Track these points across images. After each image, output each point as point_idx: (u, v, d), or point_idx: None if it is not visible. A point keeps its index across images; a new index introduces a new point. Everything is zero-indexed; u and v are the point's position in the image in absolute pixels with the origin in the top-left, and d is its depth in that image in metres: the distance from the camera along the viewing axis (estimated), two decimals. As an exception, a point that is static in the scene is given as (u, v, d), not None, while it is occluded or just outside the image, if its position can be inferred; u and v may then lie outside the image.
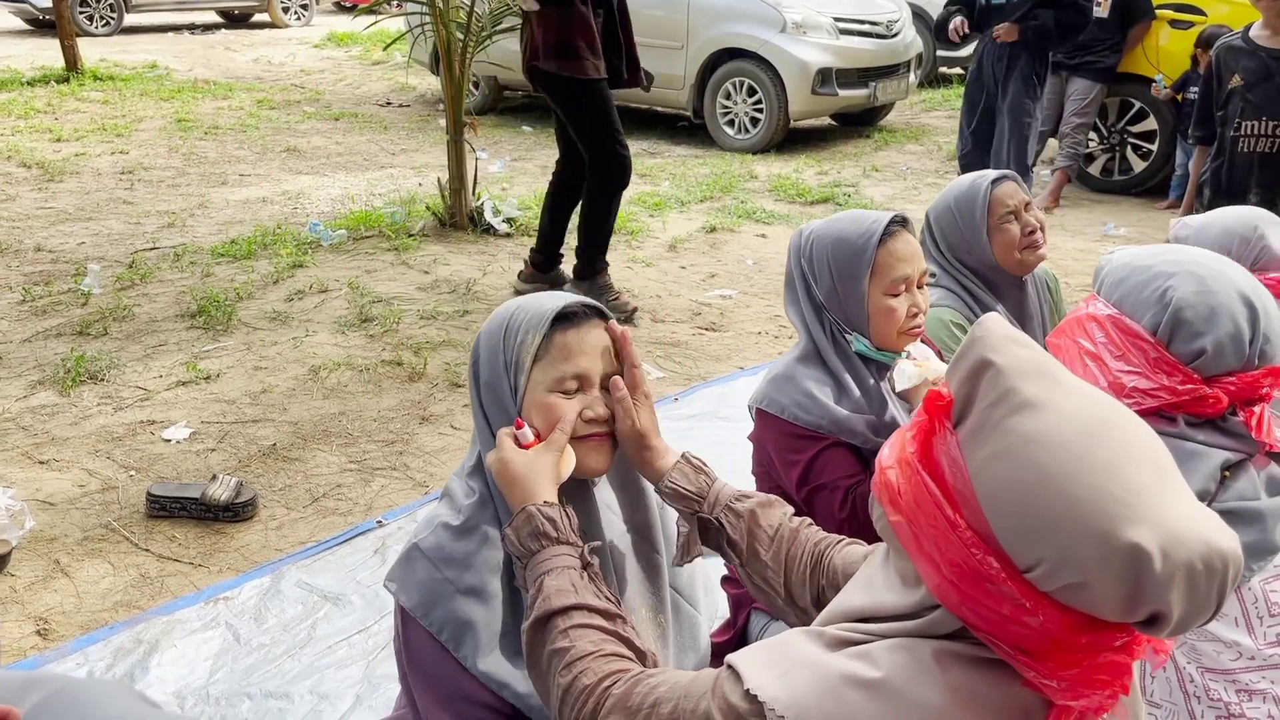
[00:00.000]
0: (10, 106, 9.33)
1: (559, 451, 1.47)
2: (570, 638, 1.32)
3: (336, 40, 14.28)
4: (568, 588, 1.36)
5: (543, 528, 1.40)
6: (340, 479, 3.46)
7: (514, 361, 1.53)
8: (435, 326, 4.62)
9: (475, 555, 1.54)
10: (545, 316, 1.51)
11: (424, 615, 1.52)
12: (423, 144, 8.82)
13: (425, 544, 1.57)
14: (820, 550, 1.50)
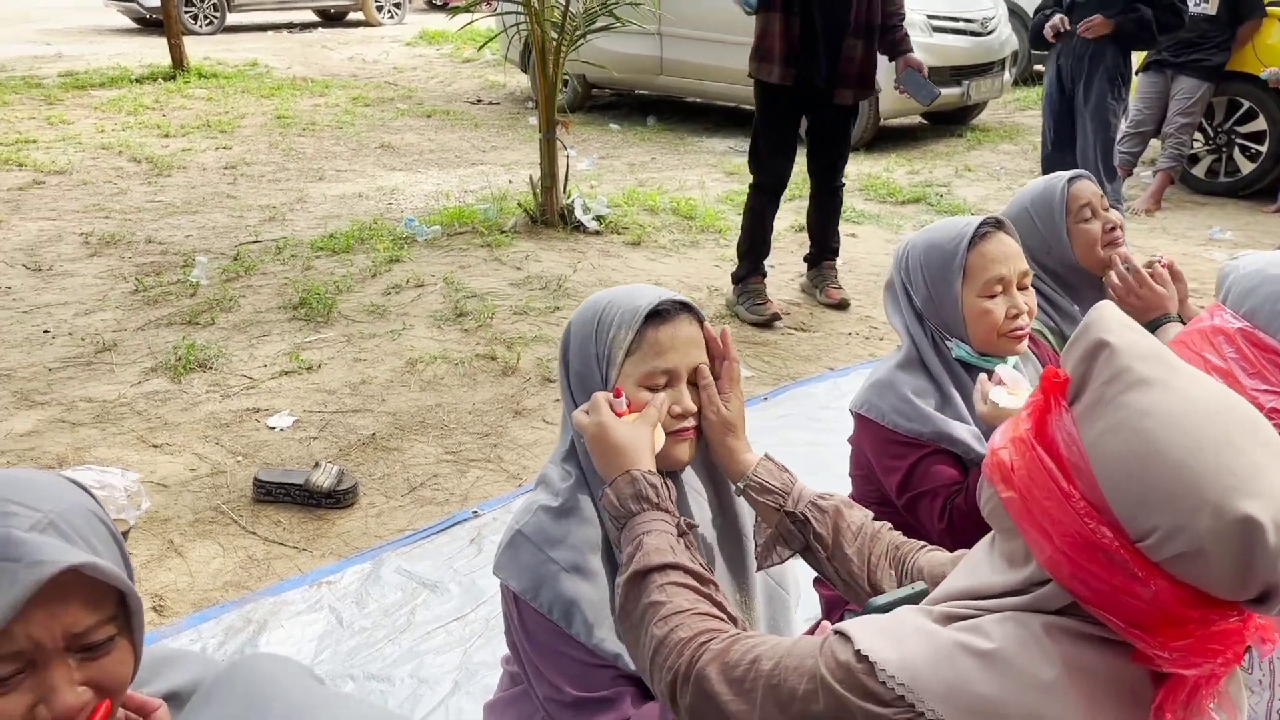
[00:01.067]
0: (121, 103, 9.72)
1: (652, 426, 1.51)
2: (667, 593, 1.35)
3: (428, 38, 14.54)
4: (666, 548, 1.40)
5: (645, 491, 1.44)
6: (437, 469, 3.54)
7: (605, 355, 1.57)
8: (527, 322, 4.69)
9: (575, 534, 1.59)
10: (639, 313, 1.54)
11: (533, 597, 1.56)
12: (512, 141, 8.93)
13: (527, 528, 1.62)
14: (903, 553, 1.53)
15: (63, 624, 0.99)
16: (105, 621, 1.03)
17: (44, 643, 0.98)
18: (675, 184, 7.26)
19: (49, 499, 1.03)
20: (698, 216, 6.30)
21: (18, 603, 0.95)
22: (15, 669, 0.98)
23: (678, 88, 9.63)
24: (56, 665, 0.99)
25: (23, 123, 8.79)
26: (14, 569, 0.96)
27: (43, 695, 0.99)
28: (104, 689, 1.04)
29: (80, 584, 1.00)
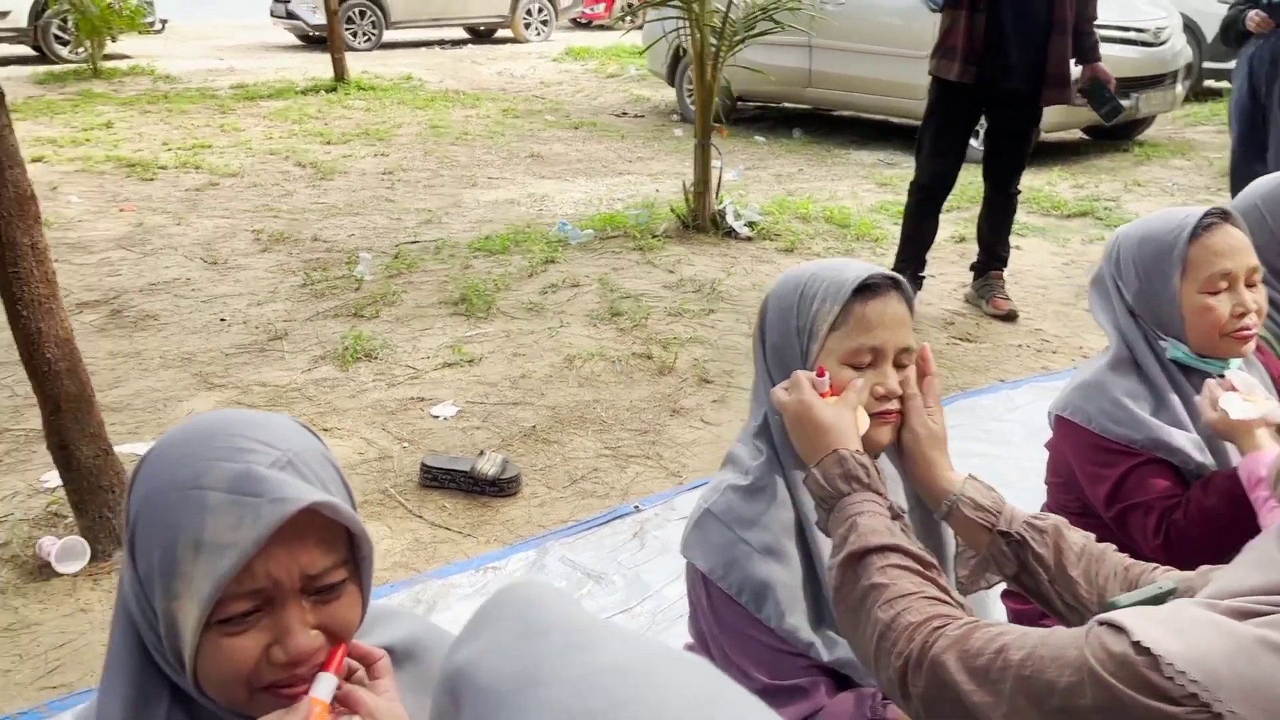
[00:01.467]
0: (287, 112, 10.17)
1: (854, 409, 1.43)
2: (889, 575, 1.26)
3: (574, 54, 14.78)
4: (882, 529, 1.31)
5: (855, 471, 1.36)
6: (596, 463, 3.52)
7: (808, 328, 1.49)
8: (682, 323, 4.65)
9: (767, 514, 1.51)
10: (846, 286, 1.46)
11: (722, 577, 1.49)
12: (658, 152, 8.96)
13: (716, 507, 1.55)
14: (1134, 574, 1.39)
15: (300, 563, 0.97)
16: (338, 564, 1.00)
17: (282, 581, 0.96)
18: (825, 194, 7.14)
19: (285, 439, 1.01)
20: (852, 225, 6.16)
21: (261, 538, 0.93)
22: (253, 606, 0.96)
23: (826, 100, 9.50)
24: (291, 605, 0.97)
25: (199, 129, 9.29)
26: (257, 504, 0.94)
27: (277, 636, 0.97)
28: (334, 634, 1.01)
29: (317, 524, 0.98)
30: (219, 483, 0.96)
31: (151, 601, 0.98)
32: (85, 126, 9.16)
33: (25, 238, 2.67)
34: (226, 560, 0.93)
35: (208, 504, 0.95)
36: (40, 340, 2.75)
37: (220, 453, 0.98)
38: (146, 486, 0.99)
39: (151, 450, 1.02)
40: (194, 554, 0.94)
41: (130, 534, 0.99)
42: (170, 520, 0.96)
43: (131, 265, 5.60)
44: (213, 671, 0.97)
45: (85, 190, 7.10)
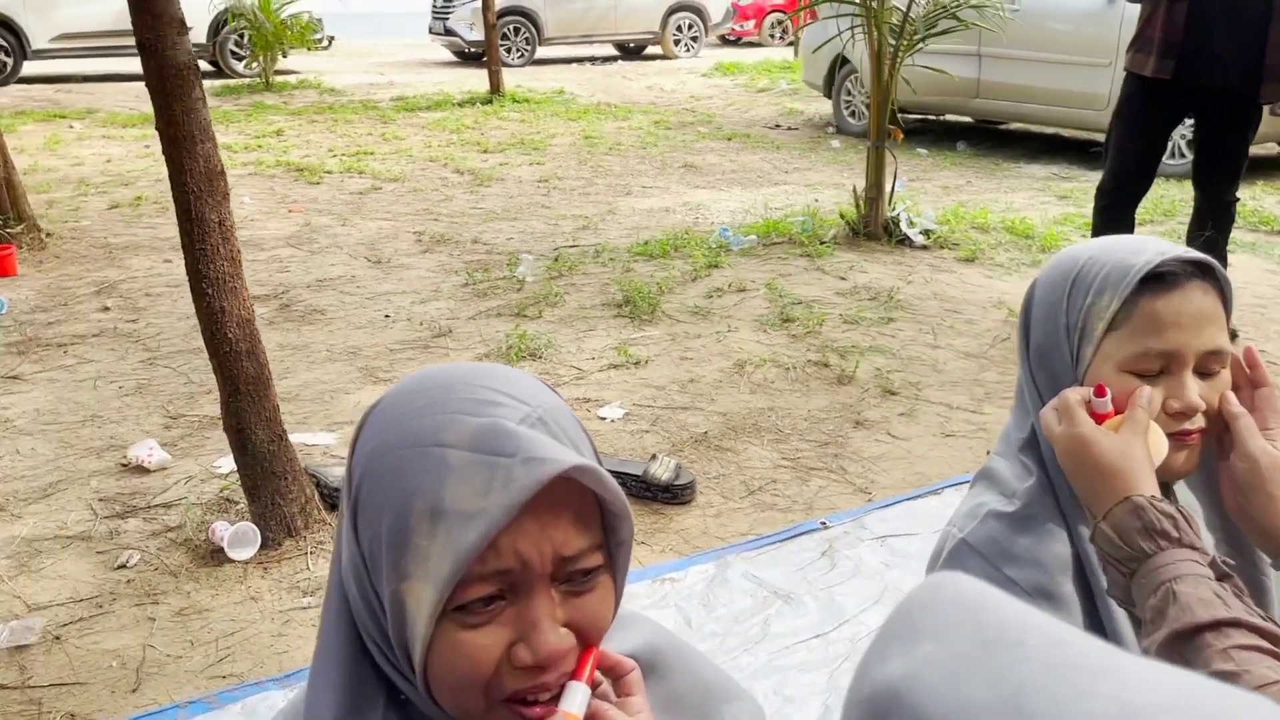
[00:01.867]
0: (445, 123, 10.33)
1: (1144, 434, 1.13)
2: (1236, 660, 0.96)
3: (723, 70, 14.64)
4: (1212, 598, 1.00)
5: (1159, 524, 1.05)
6: (775, 474, 3.28)
7: (1079, 325, 1.20)
8: (860, 331, 4.37)
9: (1039, 548, 1.22)
10: (1131, 275, 1.15)
11: None
12: (815, 163, 8.69)
13: (975, 538, 1.27)
14: None
15: (553, 542, 0.77)
16: (594, 548, 0.80)
17: (532, 562, 0.76)
18: (1001, 206, 6.73)
19: (533, 393, 0.82)
20: (1036, 236, 5.75)
21: (514, 505, 0.74)
22: (496, 592, 0.77)
23: (995, 111, 9.04)
24: (540, 595, 0.78)
25: (362, 138, 9.51)
26: (509, 465, 0.75)
27: (523, 632, 0.78)
28: (584, 634, 0.81)
29: (573, 496, 0.78)
30: (462, 439, 0.77)
31: (376, 583, 0.80)
32: (257, 134, 9.49)
33: (214, 214, 2.62)
34: (472, 532, 0.74)
35: (449, 463, 0.76)
36: (223, 320, 2.70)
37: (462, 405, 0.79)
38: (374, 443, 0.81)
39: (379, 403, 0.85)
40: (431, 524, 0.75)
41: (352, 501, 0.81)
42: (404, 483, 0.77)
43: (299, 262, 5.67)
44: (446, 673, 0.78)
45: (256, 192, 7.29)
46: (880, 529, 2.95)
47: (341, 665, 0.84)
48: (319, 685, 0.84)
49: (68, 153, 8.55)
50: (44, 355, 4.36)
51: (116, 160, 8.30)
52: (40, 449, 3.52)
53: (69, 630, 2.56)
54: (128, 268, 5.57)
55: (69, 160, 8.27)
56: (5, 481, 3.30)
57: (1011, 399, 3.55)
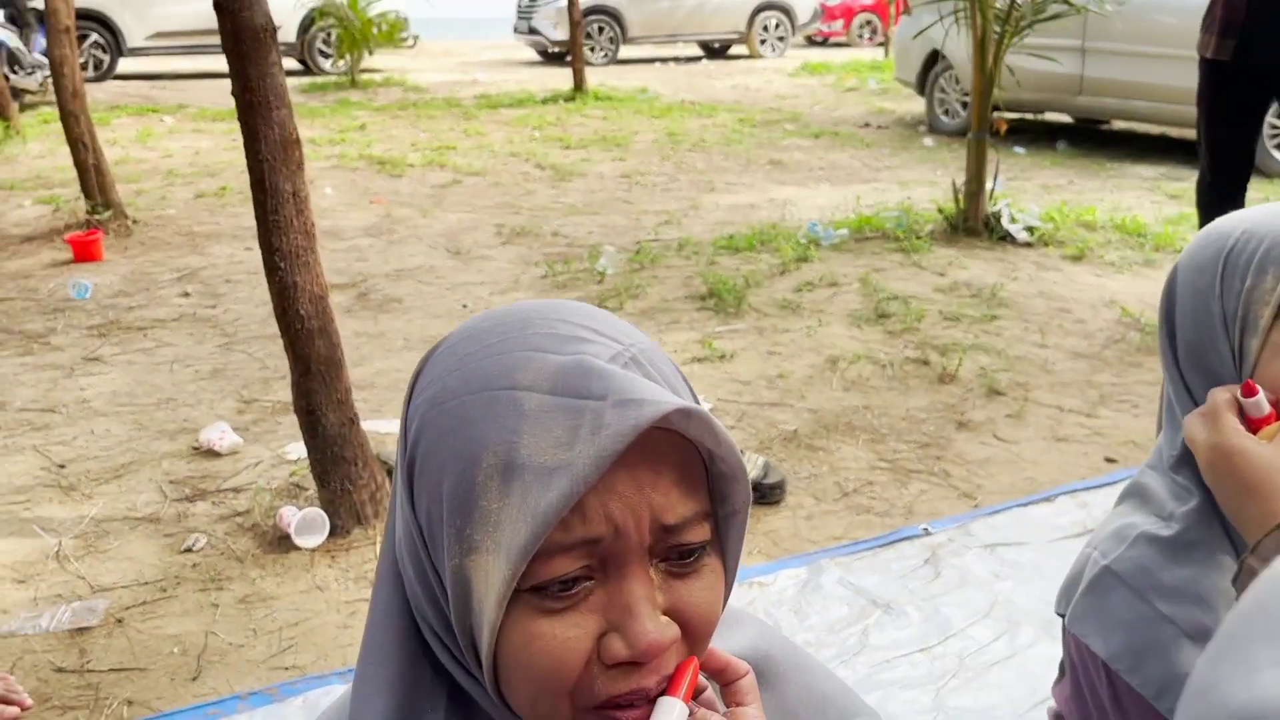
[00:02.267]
0: (527, 119, 10.27)
1: None
2: None
3: (810, 70, 14.37)
4: None
5: None
6: (871, 476, 3.06)
7: (1238, 314, 0.97)
8: (961, 329, 4.11)
9: (1202, 582, 1.00)
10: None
11: (1133, 669, 1.00)
12: (907, 161, 8.38)
13: (1122, 565, 1.05)
14: None
15: (652, 507, 0.60)
16: (701, 518, 0.63)
17: (627, 531, 0.59)
18: (1108, 205, 6.37)
19: (624, 332, 0.66)
20: (1149, 235, 5.41)
21: (603, 458, 0.57)
22: (581, 570, 0.60)
23: (1100, 108, 8.62)
24: (636, 573, 0.61)
25: (445, 133, 9.49)
26: (598, 409, 0.58)
27: (615, 620, 0.60)
28: (689, 626, 0.64)
29: (675, 452, 0.61)
30: (540, 380, 0.60)
31: (435, 559, 0.63)
32: (341, 129, 9.53)
33: (288, 184, 2.51)
34: (552, 490, 0.57)
35: (525, 409, 0.59)
36: (295, 295, 2.58)
37: (541, 341, 0.63)
38: (434, 390, 0.64)
39: (440, 345, 0.68)
40: (503, 482, 0.58)
41: (407, 462, 0.64)
42: (469, 435, 0.60)
43: (378, 252, 5.61)
44: (521, 671, 0.61)
45: (338, 184, 7.28)
46: (988, 537, 2.71)
47: (394, 662, 0.67)
48: (367, 686, 0.67)
49: (158, 145, 8.68)
50: (124, 338, 4.34)
51: (205, 153, 8.40)
52: (115, 430, 3.47)
53: (131, 614, 2.47)
54: (209, 255, 5.56)
55: (159, 152, 8.39)
56: (78, 461, 3.25)
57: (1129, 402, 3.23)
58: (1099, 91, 8.31)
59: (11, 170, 7.62)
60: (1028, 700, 2.11)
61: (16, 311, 4.66)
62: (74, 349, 4.20)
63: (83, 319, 4.55)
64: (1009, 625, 2.36)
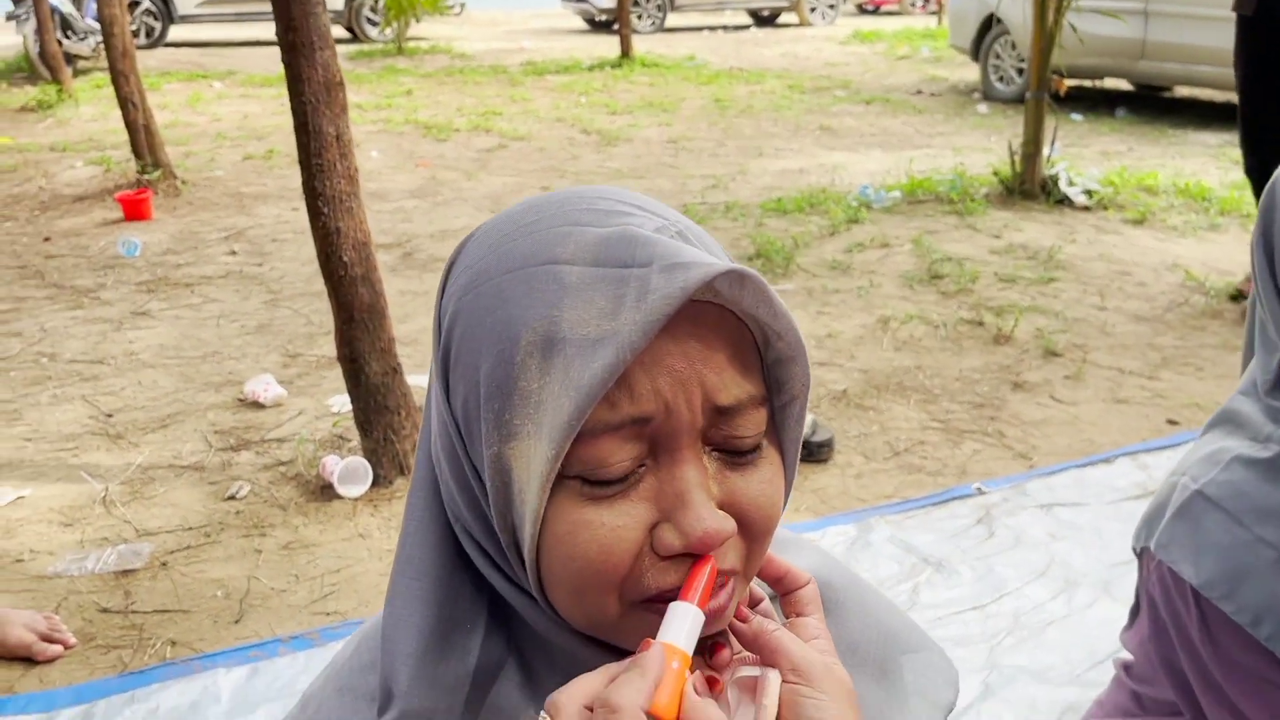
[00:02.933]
0: (573, 86, 10.20)
1: None
2: None
3: (861, 38, 14.12)
4: None
5: None
6: (922, 435, 2.98)
7: None
8: (1017, 291, 4.00)
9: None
10: None
11: (1226, 595, 0.94)
12: (960, 128, 8.20)
13: (1215, 489, 0.99)
14: None
15: (704, 385, 0.55)
16: (757, 403, 0.58)
17: (678, 409, 0.55)
18: (1170, 171, 6.17)
19: (667, 210, 0.62)
20: (1213, 199, 5.22)
21: (651, 323, 0.52)
22: (631, 457, 0.55)
23: (1163, 74, 8.35)
24: (689, 458, 0.56)
25: (491, 99, 9.45)
26: (644, 275, 0.54)
27: (667, 508, 0.56)
28: (747, 522, 0.59)
29: (728, 329, 0.57)
30: (582, 253, 0.56)
31: (472, 451, 0.58)
32: (388, 94, 9.53)
33: (331, 127, 2.47)
34: (597, 360, 0.52)
35: (565, 282, 0.55)
36: (338, 241, 2.55)
37: (580, 216, 0.58)
38: (468, 275, 0.60)
39: (474, 232, 0.63)
40: (543, 359, 0.54)
41: (442, 353, 0.60)
42: (506, 314, 0.56)
43: (423, 214, 5.59)
44: (566, 564, 0.56)
45: (384, 147, 7.28)
46: (1044, 497, 2.63)
47: (429, 574, 0.62)
48: (401, 600, 0.62)
49: (207, 109, 8.74)
50: (172, 294, 4.36)
51: (252, 117, 8.43)
52: (161, 381, 3.49)
53: (175, 558, 2.47)
54: (256, 215, 5.58)
55: (208, 116, 8.45)
56: (126, 411, 3.27)
57: (1193, 365, 3.11)
58: (1162, 56, 8.05)
59: (64, 132, 7.72)
60: (1086, 660, 2.03)
61: (68, 268, 4.71)
62: (123, 304, 4.23)
63: (132, 275, 4.59)
64: (1066, 585, 2.28)
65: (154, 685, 2.02)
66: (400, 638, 0.61)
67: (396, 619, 0.62)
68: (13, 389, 3.43)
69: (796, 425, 0.63)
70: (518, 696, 0.62)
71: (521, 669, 0.63)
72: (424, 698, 0.60)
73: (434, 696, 0.60)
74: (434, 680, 0.60)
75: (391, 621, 0.62)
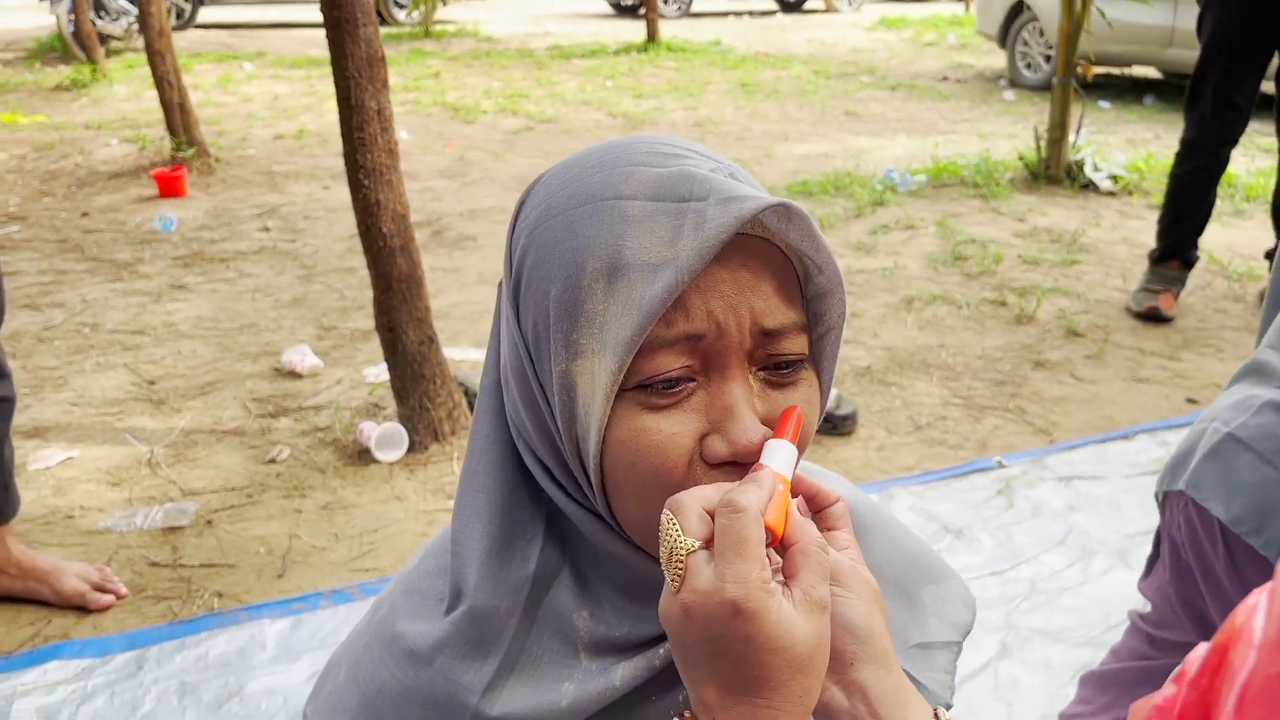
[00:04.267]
0: (599, 69, 10.24)
1: None
2: None
3: (888, 24, 14.07)
4: None
5: None
6: (944, 411, 3.04)
7: None
8: (1040, 272, 4.03)
9: None
10: None
11: (1255, 530, 1.00)
12: (986, 114, 8.19)
13: (1247, 431, 1.05)
14: None
15: (752, 310, 0.62)
16: (798, 329, 0.65)
17: (728, 329, 0.62)
18: (1196, 157, 6.16)
19: (719, 156, 0.68)
20: (1239, 186, 5.23)
21: (707, 249, 0.59)
22: (685, 367, 0.62)
23: (1191, 62, 8.27)
24: (736, 375, 0.63)
25: (517, 82, 9.50)
26: (700, 208, 0.61)
27: (716, 420, 0.63)
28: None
29: (775, 262, 0.64)
30: (644, 189, 0.63)
31: (540, 370, 0.65)
32: (416, 76, 9.60)
33: (373, 101, 2.54)
34: (657, 282, 0.59)
35: (629, 215, 0.62)
36: (379, 213, 2.63)
37: (641, 158, 0.65)
38: (539, 210, 0.67)
39: (542, 175, 0.70)
40: (608, 283, 0.61)
41: (514, 282, 0.67)
42: (574, 243, 0.63)
43: (453, 193, 5.66)
44: (626, 469, 0.63)
45: (413, 128, 7.35)
46: (1064, 471, 2.68)
47: (492, 488, 0.70)
48: (467, 511, 0.70)
49: (238, 90, 8.84)
50: (208, 269, 4.46)
51: (283, 98, 8.53)
52: (200, 351, 3.58)
53: (220, 516, 2.56)
54: (289, 193, 5.67)
55: (239, 97, 8.55)
56: (166, 379, 3.36)
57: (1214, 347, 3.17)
58: (1191, 44, 7.97)
59: (99, 111, 7.84)
60: (1100, 624, 2.09)
61: (106, 242, 4.81)
62: (160, 277, 4.33)
63: (168, 250, 4.69)
64: (1083, 554, 2.33)
65: (203, 634, 2.12)
66: (468, 543, 0.69)
67: (465, 527, 0.70)
68: (58, 357, 3.53)
69: (833, 353, 0.70)
70: (570, 599, 0.69)
71: (575, 575, 0.70)
72: (490, 596, 0.67)
73: (498, 595, 0.67)
74: (498, 581, 0.68)
75: (460, 530, 0.70)
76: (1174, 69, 8.72)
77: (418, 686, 0.68)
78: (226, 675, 2.01)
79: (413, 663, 0.69)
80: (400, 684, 0.69)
